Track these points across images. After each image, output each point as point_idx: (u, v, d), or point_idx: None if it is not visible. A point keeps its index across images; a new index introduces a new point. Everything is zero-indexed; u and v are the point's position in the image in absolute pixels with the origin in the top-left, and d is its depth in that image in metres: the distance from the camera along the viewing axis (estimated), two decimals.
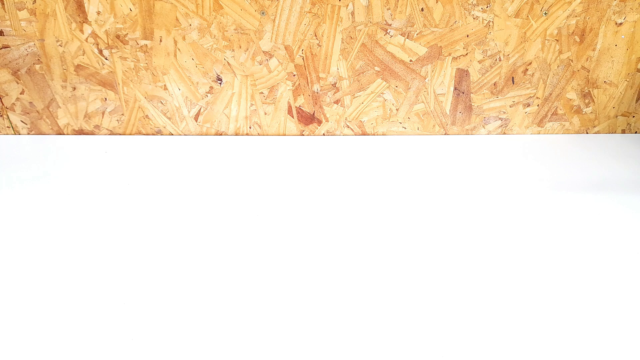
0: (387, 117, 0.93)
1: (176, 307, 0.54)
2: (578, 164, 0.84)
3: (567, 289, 0.56)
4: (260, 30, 0.84)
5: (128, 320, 0.39)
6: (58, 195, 0.74)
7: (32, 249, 0.64)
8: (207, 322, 0.52)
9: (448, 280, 0.59)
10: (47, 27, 0.84)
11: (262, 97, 0.91)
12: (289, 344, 0.51)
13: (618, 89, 0.90)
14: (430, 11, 0.82)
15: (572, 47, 0.85)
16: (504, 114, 0.92)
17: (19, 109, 0.92)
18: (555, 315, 0.53)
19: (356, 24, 0.83)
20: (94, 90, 0.91)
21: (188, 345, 0.49)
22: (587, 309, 0.54)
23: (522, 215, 0.69)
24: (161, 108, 0.93)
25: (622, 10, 0.82)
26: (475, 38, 0.84)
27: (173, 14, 0.83)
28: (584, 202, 0.71)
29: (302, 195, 0.73)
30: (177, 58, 0.87)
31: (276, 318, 0.54)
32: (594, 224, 0.68)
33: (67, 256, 0.62)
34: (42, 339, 0.32)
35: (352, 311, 0.55)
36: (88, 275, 0.57)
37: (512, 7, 0.81)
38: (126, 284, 0.37)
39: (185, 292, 0.57)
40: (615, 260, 0.61)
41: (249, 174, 0.80)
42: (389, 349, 0.50)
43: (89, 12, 0.83)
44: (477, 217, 0.69)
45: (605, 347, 0.49)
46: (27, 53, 0.87)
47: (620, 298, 0.55)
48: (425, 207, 0.72)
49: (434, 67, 0.87)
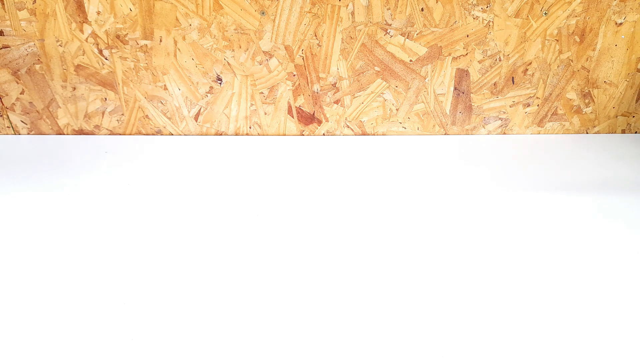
0: (387, 117, 0.93)
1: (176, 307, 0.54)
2: (578, 164, 0.84)
3: (567, 290, 0.56)
4: (260, 30, 0.84)
5: (128, 320, 0.39)
6: (58, 195, 0.74)
7: (32, 249, 0.64)
8: (207, 322, 0.52)
9: (447, 280, 0.59)
10: (47, 27, 0.84)
11: (262, 97, 0.91)
12: (289, 344, 0.51)
13: (618, 89, 0.90)
14: (430, 11, 0.82)
15: (572, 47, 0.85)
16: (504, 114, 0.92)
17: (19, 109, 0.92)
18: (554, 315, 0.53)
19: (356, 24, 0.83)
20: (94, 90, 0.91)
21: (188, 345, 0.49)
22: (587, 309, 0.54)
23: (521, 215, 0.69)
24: (161, 108, 0.93)
25: (622, 10, 0.82)
26: (475, 38, 0.84)
27: (173, 14, 0.83)
28: (584, 202, 0.71)
29: (302, 196, 0.73)
30: (177, 58, 0.87)
31: (276, 318, 0.54)
32: (594, 224, 0.68)
33: (67, 256, 0.62)
34: (42, 339, 0.32)
35: (350, 310, 0.55)
36: (88, 275, 0.57)
37: (512, 7, 0.81)
38: (126, 284, 0.37)
39: (185, 292, 0.57)
40: (615, 261, 0.61)
41: (248, 174, 0.80)
42: (384, 348, 0.50)
43: (89, 12, 0.83)
44: (476, 217, 0.69)
45: (605, 347, 0.49)
46: (27, 53, 0.87)
47: (620, 298, 0.55)
48: (425, 207, 0.72)
49: (434, 67, 0.87)
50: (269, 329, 0.52)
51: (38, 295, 0.56)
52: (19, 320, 0.52)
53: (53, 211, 0.71)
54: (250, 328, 0.52)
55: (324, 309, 0.55)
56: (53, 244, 0.64)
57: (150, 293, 0.56)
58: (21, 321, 0.52)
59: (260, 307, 0.55)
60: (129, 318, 0.51)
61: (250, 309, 0.55)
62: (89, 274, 0.58)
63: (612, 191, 0.76)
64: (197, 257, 0.62)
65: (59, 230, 0.67)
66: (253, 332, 0.52)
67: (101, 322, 0.35)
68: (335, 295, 0.57)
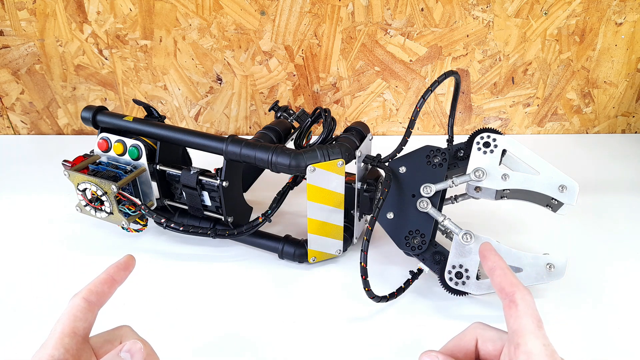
0: (387, 117, 0.93)
1: (176, 307, 0.54)
2: (578, 164, 0.84)
3: (567, 290, 0.56)
4: (260, 30, 0.84)
5: (128, 320, 0.39)
6: (58, 195, 0.74)
7: (32, 249, 0.64)
8: (207, 322, 0.52)
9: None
10: (47, 27, 0.84)
11: (262, 97, 0.91)
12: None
13: (618, 89, 0.90)
14: (430, 11, 0.82)
15: (572, 47, 0.85)
16: (504, 114, 0.92)
17: (19, 109, 0.92)
18: (554, 315, 0.53)
19: (356, 24, 0.83)
20: (94, 90, 0.91)
21: (188, 345, 0.50)
22: (587, 309, 0.54)
23: (521, 215, 0.69)
24: (161, 108, 0.93)
25: (622, 10, 0.82)
26: (475, 38, 0.84)
27: (173, 14, 0.83)
28: (583, 202, 0.71)
29: (302, 195, 0.73)
30: (177, 58, 0.87)
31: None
32: (594, 224, 0.68)
33: (67, 256, 0.62)
34: (41, 338, 0.32)
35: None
36: (88, 275, 0.57)
37: (512, 7, 0.81)
38: (126, 284, 0.37)
39: (185, 293, 0.57)
40: (615, 261, 0.61)
41: None
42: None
43: (89, 12, 0.83)
44: (476, 216, 0.69)
45: (605, 347, 0.49)
46: (27, 53, 0.87)
47: (620, 298, 0.55)
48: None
49: (434, 67, 0.87)
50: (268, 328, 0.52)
51: (38, 295, 0.56)
52: (20, 320, 0.52)
53: (53, 211, 0.71)
54: (250, 328, 0.52)
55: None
56: (53, 244, 0.64)
57: (151, 293, 0.56)
58: (21, 321, 0.52)
59: (259, 305, 0.55)
60: (129, 318, 0.51)
61: (250, 309, 0.55)
62: (89, 274, 0.58)
63: (612, 191, 0.76)
64: (196, 257, 0.62)
65: (59, 230, 0.67)
66: (253, 331, 0.52)
67: (101, 322, 0.36)
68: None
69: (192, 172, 0.59)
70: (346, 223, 0.60)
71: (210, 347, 0.50)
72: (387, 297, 0.52)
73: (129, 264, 0.38)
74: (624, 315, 0.53)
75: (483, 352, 0.34)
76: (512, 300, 0.32)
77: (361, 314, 0.54)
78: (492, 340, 0.34)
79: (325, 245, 0.59)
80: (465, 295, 0.54)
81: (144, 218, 0.63)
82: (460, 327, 0.36)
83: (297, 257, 0.60)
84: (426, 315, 0.53)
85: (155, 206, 0.64)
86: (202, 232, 0.60)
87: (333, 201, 0.56)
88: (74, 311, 0.33)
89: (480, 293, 0.52)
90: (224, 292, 0.57)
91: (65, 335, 0.32)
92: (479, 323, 0.35)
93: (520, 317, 0.31)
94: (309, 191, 0.55)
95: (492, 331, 0.34)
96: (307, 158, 0.54)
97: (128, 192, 0.60)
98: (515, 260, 0.52)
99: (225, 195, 0.58)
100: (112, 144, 0.61)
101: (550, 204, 0.54)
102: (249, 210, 0.65)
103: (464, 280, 0.52)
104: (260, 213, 0.59)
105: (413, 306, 0.55)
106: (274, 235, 0.62)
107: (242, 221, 0.62)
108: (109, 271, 0.37)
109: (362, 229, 0.65)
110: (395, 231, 0.55)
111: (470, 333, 0.35)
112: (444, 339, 0.37)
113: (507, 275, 0.34)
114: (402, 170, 0.55)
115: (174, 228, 0.59)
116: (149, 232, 0.66)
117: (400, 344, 0.50)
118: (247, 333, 0.51)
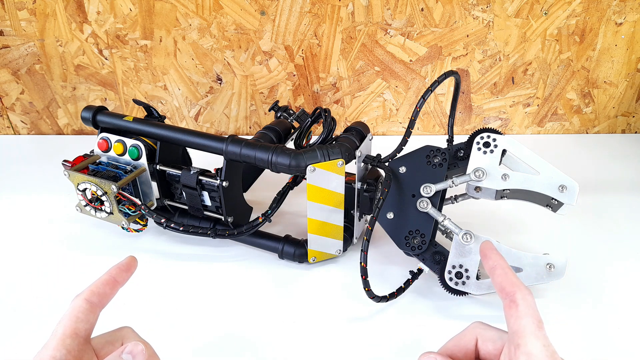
0: (387, 117, 0.93)
1: (176, 307, 0.54)
2: (578, 164, 0.84)
3: (567, 290, 0.56)
4: (260, 30, 0.84)
5: (128, 320, 0.39)
6: (58, 195, 0.74)
7: (32, 249, 0.64)
8: (207, 322, 0.52)
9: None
10: (47, 27, 0.84)
11: (262, 97, 0.91)
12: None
13: (618, 89, 0.90)
14: (430, 11, 0.82)
15: (572, 47, 0.85)
16: (504, 114, 0.92)
17: (19, 109, 0.92)
18: (554, 315, 0.53)
19: (356, 24, 0.83)
20: (94, 90, 0.91)
21: (188, 345, 0.50)
22: (587, 309, 0.54)
23: (521, 215, 0.69)
24: (161, 108, 0.93)
25: (622, 10, 0.82)
26: (475, 38, 0.84)
27: (173, 14, 0.83)
28: (583, 202, 0.71)
29: (301, 195, 0.73)
30: (177, 58, 0.87)
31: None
32: (594, 224, 0.68)
33: (67, 256, 0.62)
34: (42, 338, 0.32)
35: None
36: (88, 275, 0.57)
37: (512, 7, 0.81)
38: (126, 284, 0.37)
39: (185, 293, 0.57)
40: (615, 261, 0.61)
41: None
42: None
43: (89, 12, 0.83)
44: (476, 216, 0.69)
45: (605, 347, 0.49)
46: (27, 53, 0.87)
47: (620, 298, 0.55)
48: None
49: (434, 67, 0.87)
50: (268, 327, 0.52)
51: (37, 295, 0.56)
52: (20, 320, 0.52)
53: (53, 211, 0.71)
54: (250, 328, 0.52)
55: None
56: (53, 244, 0.64)
57: (151, 293, 0.56)
58: (22, 321, 0.52)
59: (259, 305, 0.55)
60: (129, 318, 0.51)
61: (250, 308, 0.55)
62: (88, 274, 0.58)
63: (612, 191, 0.76)
64: (196, 257, 0.62)
65: (59, 230, 0.67)
66: (253, 331, 0.52)
67: (101, 322, 0.36)
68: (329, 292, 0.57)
69: (192, 172, 0.59)
70: (346, 223, 0.60)
71: (210, 347, 0.50)
72: (387, 297, 0.52)
73: (130, 265, 0.38)
74: (624, 315, 0.53)
75: (483, 351, 0.34)
76: (513, 300, 0.32)
77: (361, 314, 0.54)
78: (492, 340, 0.34)
79: (325, 245, 0.59)
80: (465, 295, 0.54)
81: (144, 218, 0.63)
82: (460, 327, 0.36)
83: (297, 257, 0.60)
84: (426, 315, 0.53)
85: (155, 206, 0.64)
86: (202, 232, 0.60)
87: (333, 201, 0.56)
88: (76, 312, 0.33)
89: (480, 293, 0.52)
90: (224, 292, 0.57)
91: (66, 336, 0.32)
92: (479, 322, 0.35)
93: (521, 317, 0.31)
94: (309, 191, 0.55)
95: (492, 331, 0.34)
96: (307, 158, 0.54)
97: (128, 192, 0.60)
98: (515, 260, 0.52)
99: (225, 195, 0.58)
100: (112, 144, 0.61)
101: (550, 204, 0.54)
102: (249, 210, 0.65)
103: (464, 280, 0.52)
104: (260, 213, 0.59)
105: (413, 306, 0.55)
106: (274, 235, 0.62)
107: (242, 221, 0.62)
108: (111, 272, 0.37)
109: (362, 229, 0.65)
110: (395, 231, 0.55)
111: (470, 332, 0.35)
112: (444, 339, 0.37)
113: (508, 275, 0.34)
114: (402, 170, 0.55)
115: (174, 228, 0.59)
116: (149, 232, 0.66)
117: (400, 344, 0.50)
118: (247, 333, 0.51)
